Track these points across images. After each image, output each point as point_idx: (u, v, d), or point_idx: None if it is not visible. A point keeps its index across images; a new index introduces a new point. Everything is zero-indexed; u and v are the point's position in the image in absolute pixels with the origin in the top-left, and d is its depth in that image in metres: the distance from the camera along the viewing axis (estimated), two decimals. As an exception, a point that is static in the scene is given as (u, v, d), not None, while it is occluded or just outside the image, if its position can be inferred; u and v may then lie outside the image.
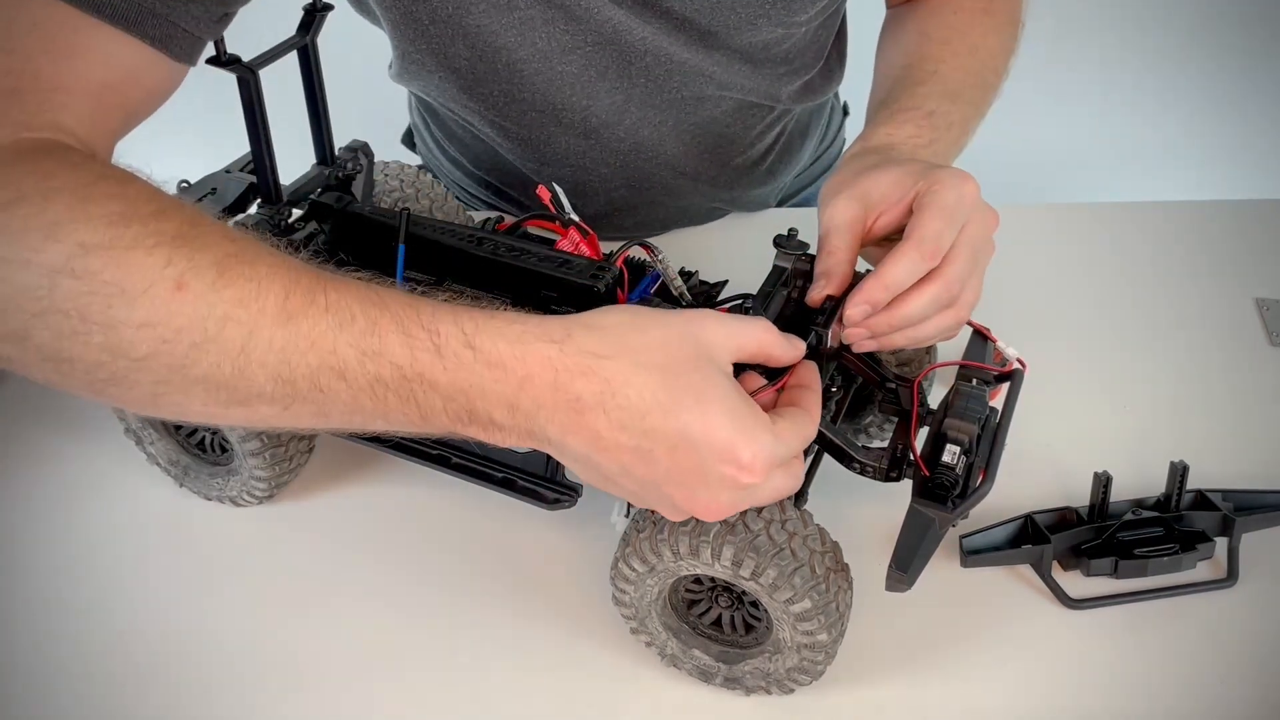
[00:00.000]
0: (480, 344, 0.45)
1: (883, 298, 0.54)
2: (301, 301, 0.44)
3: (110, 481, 0.71)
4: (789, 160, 0.96)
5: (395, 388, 0.45)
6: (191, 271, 0.43)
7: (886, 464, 0.56)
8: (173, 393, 0.45)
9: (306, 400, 0.45)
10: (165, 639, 0.62)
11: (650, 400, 0.45)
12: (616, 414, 0.45)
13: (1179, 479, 0.64)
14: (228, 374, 0.44)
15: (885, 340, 0.56)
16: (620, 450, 0.46)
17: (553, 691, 0.59)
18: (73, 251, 0.42)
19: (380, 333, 0.45)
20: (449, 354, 0.45)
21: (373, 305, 0.45)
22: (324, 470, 0.71)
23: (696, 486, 0.47)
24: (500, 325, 0.46)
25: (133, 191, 0.45)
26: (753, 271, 0.65)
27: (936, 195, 0.55)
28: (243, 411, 0.46)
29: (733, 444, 0.45)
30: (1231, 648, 0.60)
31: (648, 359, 0.46)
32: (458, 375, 0.45)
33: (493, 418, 0.46)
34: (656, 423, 0.45)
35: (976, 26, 0.74)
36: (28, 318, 0.42)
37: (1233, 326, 0.83)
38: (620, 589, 0.56)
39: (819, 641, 0.52)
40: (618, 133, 0.82)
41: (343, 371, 0.44)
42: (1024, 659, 0.59)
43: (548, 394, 0.45)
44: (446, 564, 0.65)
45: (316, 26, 0.68)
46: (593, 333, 0.46)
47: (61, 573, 0.66)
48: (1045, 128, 1.82)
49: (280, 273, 0.45)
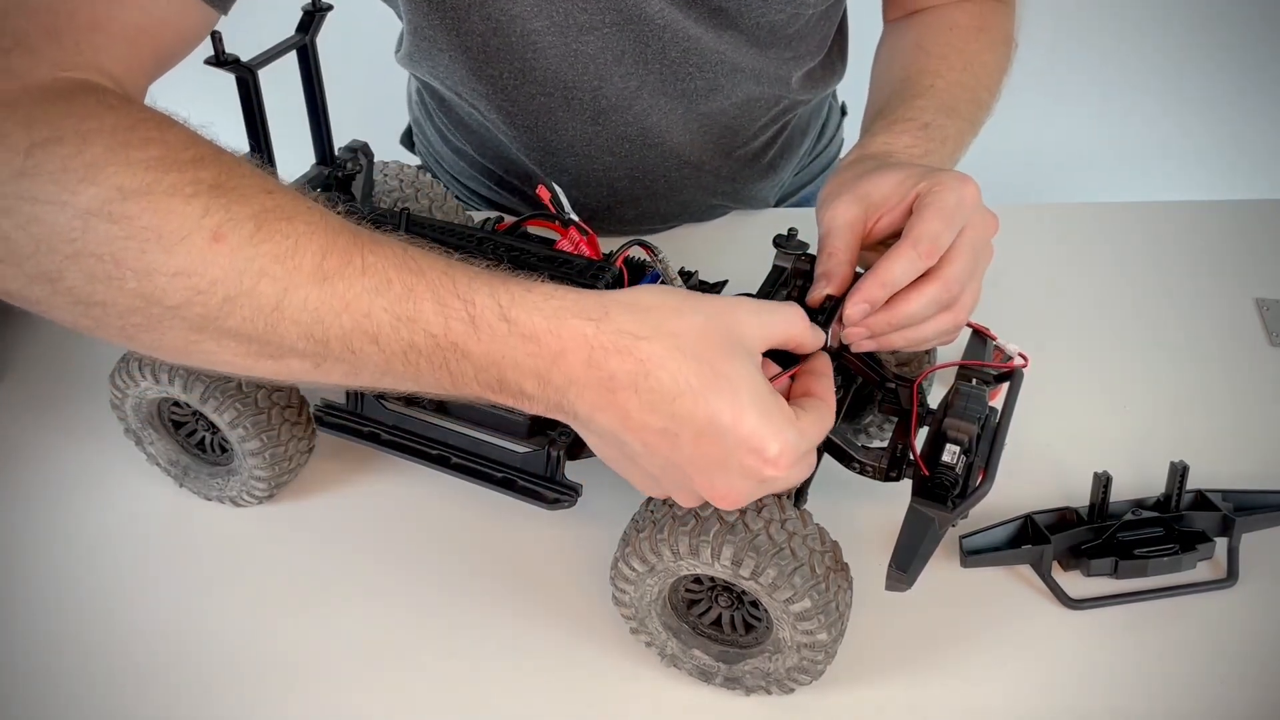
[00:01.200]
0: (515, 317, 0.45)
1: (880, 295, 0.54)
2: (338, 262, 0.44)
3: (110, 481, 0.71)
4: (789, 155, 0.97)
5: (428, 354, 0.45)
6: (229, 223, 0.43)
7: (886, 464, 0.56)
8: (206, 341, 0.45)
9: (338, 360, 0.45)
10: (165, 639, 0.62)
11: (683, 384, 0.45)
12: (648, 395, 0.45)
13: (1179, 479, 0.64)
14: (260, 329, 0.44)
15: (884, 340, 0.57)
16: (647, 431, 0.46)
17: (553, 691, 0.59)
18: (110, 195, 0.41)
19: (416, 300, 0.44)
20: (483, 325, 0.45)
21: (409, 271, 0.45)
22: (324, 470, 0.71)
23: (716, 473, 0.47)
24: (537, 299, 0.46)
25: (172, 136, 0.44)
26: (753, 271, 0.65)
27: (936, 196, 0.55)
28: (274, 365, 0.46)
29: (761, 436, 0.46)
30: (1231, 648, 0.60)
31: (683, 343, 0.46)
32: (491, 346, 0.45)
33: (523, 389, 0.46)
34: (687, 407, 0.45)
35: (972, 43, 0.75)
36: (60, 259, 0.42)
37: (1233, 326, 0.83)
38: (620, 589, 0.56)
39: (819, 641, 0.52)
40: (626, 117, 0.82)
41: (376, 336, 0.44)
42: (1024, 659, 0.59)
43: (580, 370, 0.45)
44: (446, 564, 0.65)
45: (316, 26, 0.68)
46: (631, 313, 0.46)
47: (61, 573, 0.66)
48: (1045, 128, 1.82)
49: (318, 231, 0.44)
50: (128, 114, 0.44)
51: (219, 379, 0.62)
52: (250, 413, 0.63)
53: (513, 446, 0.62)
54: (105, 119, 0.43)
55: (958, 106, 0.70)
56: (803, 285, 0.61)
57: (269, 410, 0.63)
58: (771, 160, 0.95)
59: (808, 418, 0.49)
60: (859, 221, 0.58)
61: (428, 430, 0.64)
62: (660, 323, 0.46)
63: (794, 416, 0.48)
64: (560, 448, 0.60)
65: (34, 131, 0.42)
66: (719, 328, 0.47)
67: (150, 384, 0.63)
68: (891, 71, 0.75)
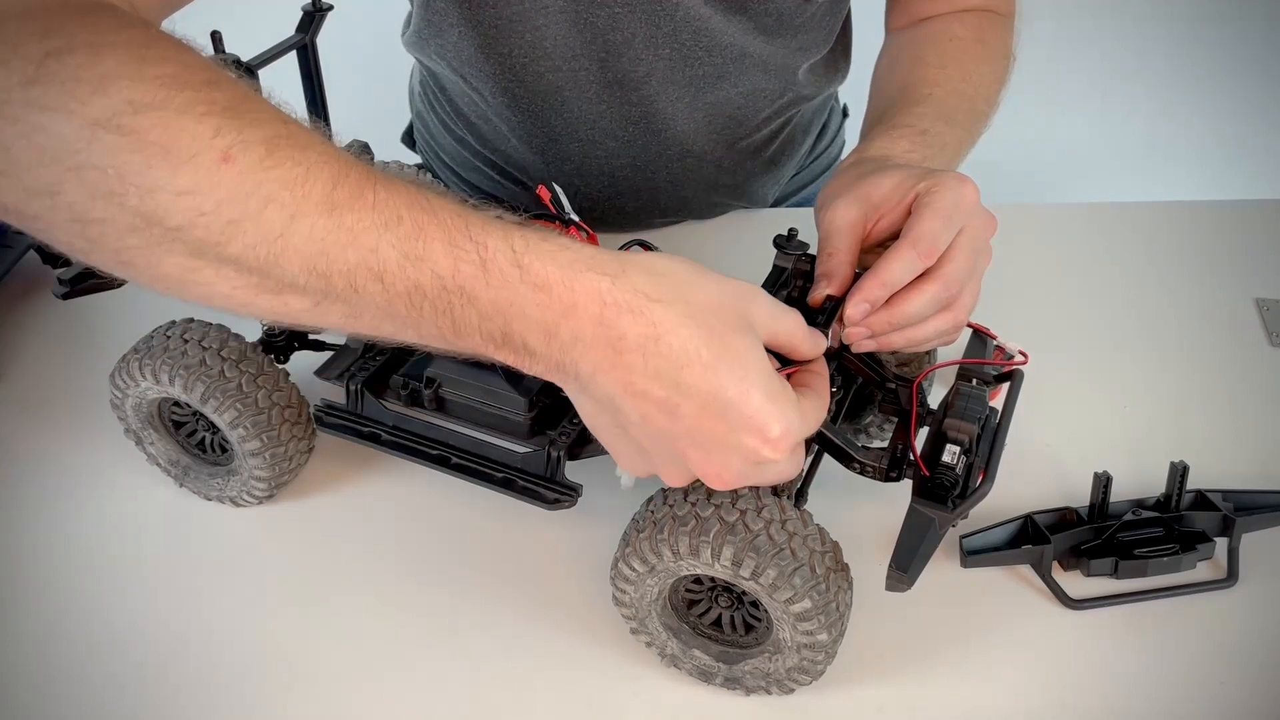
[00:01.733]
0: (528, 264, 0.44)
1: (880, 295, 0.55)
2: (349, 194, 0.43)
3: (110, 481, 0.71)
4: (791, 152, 0.97)
5: (433, 298, 0.44)
6: (240, 145, 0.41)
7: (886, 464, 0.56)
8: (204, 269, 0.43)
9: (339, 299, 0.44)
10: (165, 638, 0.62)
11: (692, 353, 0.44)
12: (655, 360, 0.44)
13: (1179, 479, 0.64)
14: (262, 258, 0.42)
15: (884, 341, 0.57)
16: (648, 399, 0.45)
17: (553, 691, 0.59)
18: (120, 108, 0.40)
19: (425, 239, 0.43)
20: (494, 269, 0.44)
21: (421, 210, 0.44)
22: (324, 470, 0.71)
23: (714, 449, 0.46)
24: (552, 249, 0.44)
25: (189, 58, 0.43)
26: (753, 272, 0.65)
27: (935, 196, 0.56)
28: (272, 301, 0.45)
29: (766, 415, 0.45)
30: (1231, 648, 0.60)
31: (697, 312, 0.45)
32: (500, 293, 0.44)
33: (527, 342, 0.45)
34: (693, 378, 0.44)
35: (970, 54, 0.76)
36: (62, 171, 0.40)
37: (1233, 326, 0.83)
38: (620, 589, 0.56)
39: (819, 641, 0.52)
40: (632, 99, 0.82)
41: (381, 273, 0.43)
42: (1024, 659, 0.59)
43: (589, 327, 0.44)
44: (446, 564, 0.65)
45: (316, 26, 0.68)
46: (648, 275, 0.45)
47: (61, 573, 0.66)
48: (1045, 128, 1.82)
49: (330, 161, 0.43)
50: (144, 32, 0.43)
51: (219, 379, 0.62)
52: (250, 413, 0.63)
53: (513, 446, 0.62)
54: (122, 34, 0.42)
55: (956, 115, 0.71)
56: (803, 285, 0.61)
57: (269, 410, 0.63)
58: (773, 156, 0.95)
59: (807, 404, 0.49)
60: (859, 222, 0.58)
61: (428, 430, 0.64)
62: (677, 287, 0.45)
63: (797, 401, 0.47)
64: (560, 448, 0.60)
65: (49, 41, 0.41)
66: (734, 304, 0.47)
67: (150, 384, 0.63)
68: (891, 80, 0.76)
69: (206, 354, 0.62)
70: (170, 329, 0.64)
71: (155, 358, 0.62)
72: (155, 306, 0.71)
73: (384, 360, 0.66)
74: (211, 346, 0.63)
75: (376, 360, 0.66)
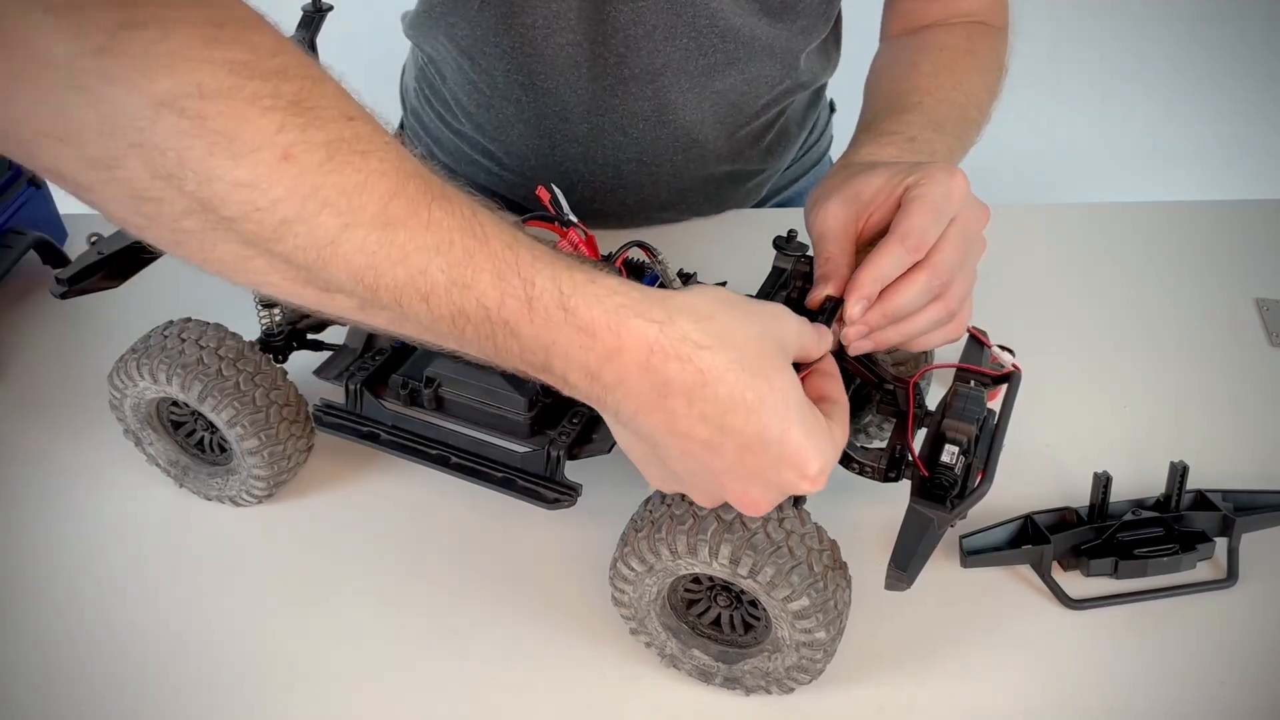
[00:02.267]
0: (574, 306, 0.44)
1: (873, 290, 0.55)
2: (404, 210, 0.43)
3: (110, 481, 0.71)
4: (786, 143, 0.98)
5: (477, 324, 0.44)
6: (302, 145, 0.41)
7: (885, 464, 0.56)
8: (256, 259, 0.43)
9: (385, 309, 0.45)
10: (164, 638, 0.62)
11: (737, 398, 0.45)
12: (702, 405, 0.45)
13: (1179, 479, 0.64)
14: (311, 260, 0.43)
15: (880, 338, 0.56)
16: (691, 439, 0.46)
17: (553, 691, 0.59)
18: (187, 90, 0.40)
19: (475, 267, 0.43)
20: (539, 308, 0.44)
21: (474, 237, 0.44)
22: (324, 470, 0.71)
23: (752, 483, 0.47)
24: (599, 292, 0.44)
25: (259, 39, 0.42)
26: (753, 273, 0.65)
27: (923, 189, 0.56)
28: (320, 296, 0.45)
29: (805, 453, 0.46)
30: (1231, 648, 0.60)
31: (741, 356, 0.45)
32: (544, 331, 0.44)
33: (568, 379, 0.46)
34: (738, 422, 0.45)
35: (962, 65, 0.76)
36: (124, 146, 0.40)
37: (1233, 326, 0.83)
38: (619, 589, 0.56)
39: (817, 639, 0.52)
40: (646, 91, 0.83)
41: (428, 295, 0.43)
42: (1024, 659, 0.59)
43: (635, 372, 0.44)
44: (446, 564, 0.65)
45: (316, 26, 0.68)
46: (694, 319, 0.45)
47: (61, 573, 0.66)
48: (1045, 128, 1.82)
49: (390, 172, 0.43)
50: (216, 8, 0.42)
51: (216, 377, 0.62)
52: (248, 411, 0.63)
53: (513, 446, 0.62)
54: (193, 11, 0.41)
55: (946, 123, 0.71)
56: (802, 286, 0.61)
57: (267, 409, 0.63)
58: (770, 145, 0.95)
59: (835, 427, 0.49)
60: (851, 222, 0.59)
61: (428, 430, 0.64)
62: (722, 332, 0.45)
63: (829, 430, 0.48)
64: (560, 447, 0.60)
65: (123, 11, 0.40)
66: (772, 339, 0.47)
67: (149, 384, 0.63)
68: (881, 87, 0.76)
69: (204, 353, 0.62)
70: (168, 328, 0.64)
71: (153, 357, 0.62)
72: (154, 306, 0.71)
73: (383, 360, 0.66)
74: (209, 345, 0.63)
75: (376, 360, 0.66)
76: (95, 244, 0.71)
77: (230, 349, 0.63)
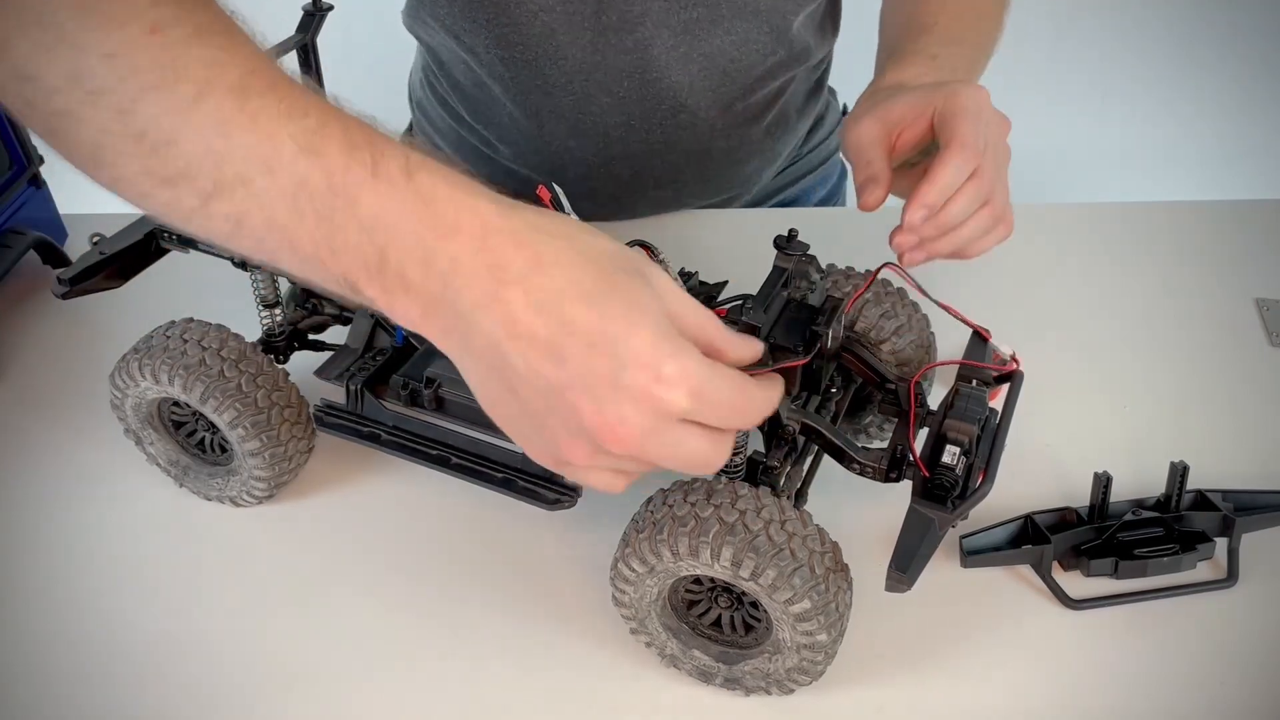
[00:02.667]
0: (419, 177, 0.43)
1: (937, 200, 0.59)
2: (263, 83, 0.43)
3: (110, 481, 0.71)
4: (785, 128, 0.97)
5: (317, 200, 0.43)
6: (171, 21, 0.43)
7: (886, 464, 0.56)
8: (114, 144, 0.44)
9: (227, 194, 0.43)
10: (164, 638, 0.62)
11: (577, 287, 0.42)
12: (537, 293, 0.42)
13: (1179, 479, 0.64)
14: (165, 131, 0.43)
15: (933, 247, 0.61)
16: (532, 341, 0.42)
17: (553, 691, 0.59)
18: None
19: (325, 136, 0.43)
20: (383, 175, 0.42)
21: (330, 112, 0.44)
22: (324, 470, 0.71)
23: (605, 396, 0.42)
24: (448, 172, 0.43)
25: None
26: (753, 273, 0.65)
27: (959, 104, 0.61)
28: (166, 194, 0.44)
29: (656, 351, 0.42)
30: (1231, 648, 0.60)
31: (587, 249, 0.43)
32: (384, 202, 0.42)
33: (404, 271, 0.43)
34: (578, 312, 0.41)
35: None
36: (12, 26, 0.42)
37: (1233, 326, 0.83)
38: (620, 589, 0.56)
39: (818, 642, 0.52)
40: (626, 44, 0.83)
41: (273, 165, 0.43)
42: (1024, 659, 0.59)
43: (470, 253, 0.42)
44: (446, 564, 0.65)
45: (316, 26, 0.68)
46: (543, 215, 0.44)
47: (61, 572, 0.66)
48: (1045, 128, 1.82)
49: (251, 53, 0.44)
50: None
51: (219, 379, 0.62)
52: (250, 413, 0.63)
53: (513, 446, 0.62)
54: None
55: (964, 36, 0.76)
56: (803, 286, 0.61)
57: (268, 410, 0.63)
58: (768, 127, 0.95)
59: (723, 368, 0.45)
60: (884, 138, 0.64)
61: (428, 430, 0.64)
62: (569, 230, 0.44)
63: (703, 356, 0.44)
64: (560, 448, 0.60)
65: None
66: (629, 256, 0.44)
67: (150, 384, 0.63)
68: (897, 15, 0.80)
69: (206, 354, 0.62)
70: (170, 329, 0.64)
71: (155, 357, 0.62)
72: (155, 307, 0.71)
73: (384, 360, 0.66)
74: (211, 346, 0.63)
75: (377, 360, 0.66)
76: (97, 244, 0.71)
77: (232, 350, 0.63)
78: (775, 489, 0.57)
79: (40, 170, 0.87)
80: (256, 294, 0.68)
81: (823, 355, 0.58)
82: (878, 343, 0.63)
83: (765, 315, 0.56)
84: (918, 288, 0.61)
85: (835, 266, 0.66)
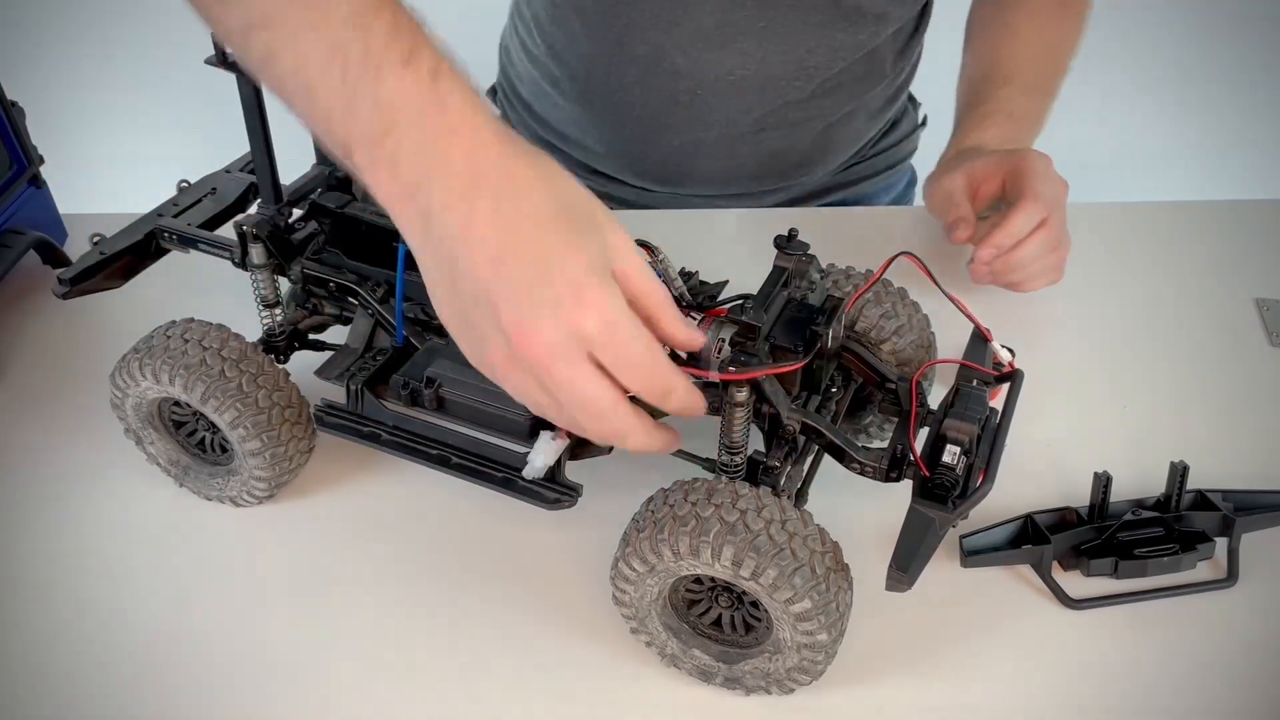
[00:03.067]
0: (443, 82, 0.46)
1: (1005, 243, 0.75)
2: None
3: (110, 481, 0.71)
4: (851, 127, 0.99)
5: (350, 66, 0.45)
6: None
7: (886, 464, 0.56)
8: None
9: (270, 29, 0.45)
10: (164, 638, 0.62)
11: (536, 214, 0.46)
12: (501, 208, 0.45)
13: (1179, 479, 0.64)
14: None
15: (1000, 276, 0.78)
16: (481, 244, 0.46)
17: (553, 691, 0.59)
18: None
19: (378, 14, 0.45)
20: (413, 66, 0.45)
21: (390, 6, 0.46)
22: (324, 470, 0.71)
23: (524, 302, 0.46)
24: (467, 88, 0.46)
25: None
26: (753, 272, 0.65)
27: (1031, 164, 0.77)
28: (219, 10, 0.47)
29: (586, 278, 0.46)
30: (1231, 648, 0.60)
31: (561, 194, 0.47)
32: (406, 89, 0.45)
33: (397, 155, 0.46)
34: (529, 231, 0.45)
35: (1053, 23, 0.91)
36: None
37: (1233, 326, 0.83)
38: (620, 589, 0.56)
39: (819, 641, 0.52)
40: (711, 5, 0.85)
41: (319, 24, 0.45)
42: (1024, 659, 0.59)
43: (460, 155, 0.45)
44: (446, 564, 0.65)
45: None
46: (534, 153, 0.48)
47: (61, 573, 0.66)
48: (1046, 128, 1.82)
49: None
50: None
51: (219, 379, 0.62)
52: (250, 413, 0.63)
53: (513, 446, 0.62)
54: None
55: (1039, 84, 0.89)
56: (803, 286, 0.61)
57: (269, 410, 0.63)
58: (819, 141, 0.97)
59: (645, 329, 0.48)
60: (967, 188, 0.80)
61: (428, 430, 0.64)
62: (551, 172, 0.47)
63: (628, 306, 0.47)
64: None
65: None
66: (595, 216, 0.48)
67: (150, 384, 0.63)
68: (980, 55, 0.92)
69: (207, 354, 0.62)
70: (170, 329, 0.64)
71: (155, 357, 0.62)
72: (156, 307, 0.71)
73: (384, 360, 0.66)
74: (212, 346, 0.63)
75: (377, 360, 0.66)
76: (97, 244, 0.71)
77: (233, 350, 0.63)
78: (776, 489, 0.57)
79: (40, 170, 0.87)
80: (256, 294, 0.68)
81: (823, 355, 0.58)
82: (878, 342, 0.63)
83: (765, 315, 0.56)
84: (930, 277, 0.60)
85: (836, 266, 0.66)
